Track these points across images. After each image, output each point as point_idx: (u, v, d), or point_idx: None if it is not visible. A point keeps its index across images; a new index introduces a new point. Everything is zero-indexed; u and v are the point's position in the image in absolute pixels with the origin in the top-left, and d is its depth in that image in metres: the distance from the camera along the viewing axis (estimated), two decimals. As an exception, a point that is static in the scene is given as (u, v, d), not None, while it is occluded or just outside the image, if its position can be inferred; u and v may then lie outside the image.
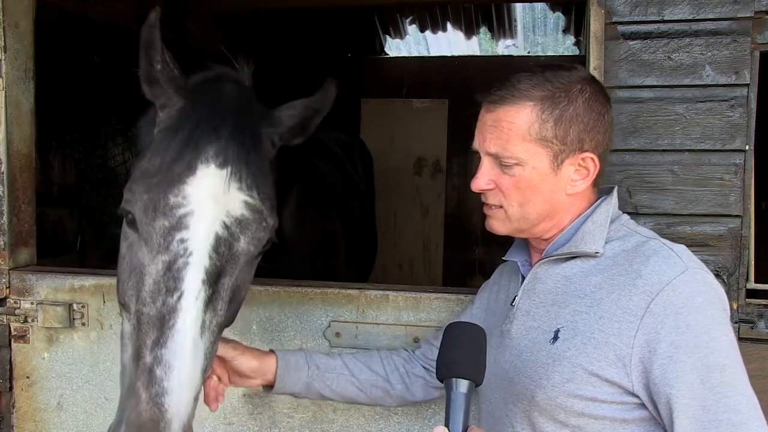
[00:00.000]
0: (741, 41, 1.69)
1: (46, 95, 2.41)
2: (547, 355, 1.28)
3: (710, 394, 1.12)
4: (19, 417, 2.08)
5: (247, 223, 1.40)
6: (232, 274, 1.39)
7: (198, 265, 1.33)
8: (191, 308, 1.31)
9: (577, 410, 1.22)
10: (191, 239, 1.34)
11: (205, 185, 1.36)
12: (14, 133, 2.06)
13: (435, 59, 6.18)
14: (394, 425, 1.85)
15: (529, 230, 1.38)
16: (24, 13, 2.10)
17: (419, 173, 6.04)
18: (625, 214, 1.39)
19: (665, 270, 1.20)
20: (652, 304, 1.17)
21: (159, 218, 1.35)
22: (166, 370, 1.27)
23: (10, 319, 2.05)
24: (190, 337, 1.30)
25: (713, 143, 1.70)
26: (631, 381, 1.18)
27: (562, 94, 1.28)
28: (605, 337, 1.20)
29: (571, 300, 1.29)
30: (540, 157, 1.29)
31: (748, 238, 1.71)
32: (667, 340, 1.15)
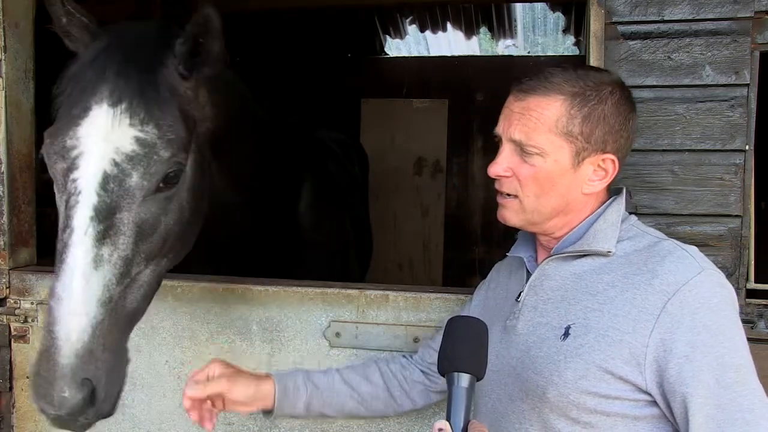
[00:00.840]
0: (741, 41, 1.69)
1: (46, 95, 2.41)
2: (557, 351, 1.27)
3: (725, 393, 1.13)
4: (19, 417, 2.08)
5: (139, 159, 1.44)
6: (129, 209, 1.44)
7: (86, 203, 1.41)
8: (79, 243, 1.40)
9: (589, 407, 1.22)
10: (80, 178, 1.42)
11: (95, 125, 1.43)
12: (14, 133, 2.06)
13: (435, 59, 6.18)
14: (395, 425, 1.85)
15: (541, 224, 1.37)
16: (24, 13, 2.10)
17: (419, 173, 6.04)
18: (632, 215, 1.40)
19: (682, 270, 1.21)
20: (668, 304, 1.18)
21: (59, 161, 1.45)
22: (56, 301, 1.37)
23: (10, 319, 2.05)
24: (79, 270, 1.38)
25: (713, 143, 1.70)
26: (644, 379, 1.19)
27: (593, 93, 1.29)
28: (620, 335, 1.21)
29: (582, 297, 1.29)
30: (562, 152, 1.30)
31: (748, 238, 1.71)
32: (683, 339, 1.16)
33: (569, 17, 5.58)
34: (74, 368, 1.34)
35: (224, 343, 1.94)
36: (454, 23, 5.90)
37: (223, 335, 1.94)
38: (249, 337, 1.92)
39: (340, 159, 3.55)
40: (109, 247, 1.42)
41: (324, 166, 2.99)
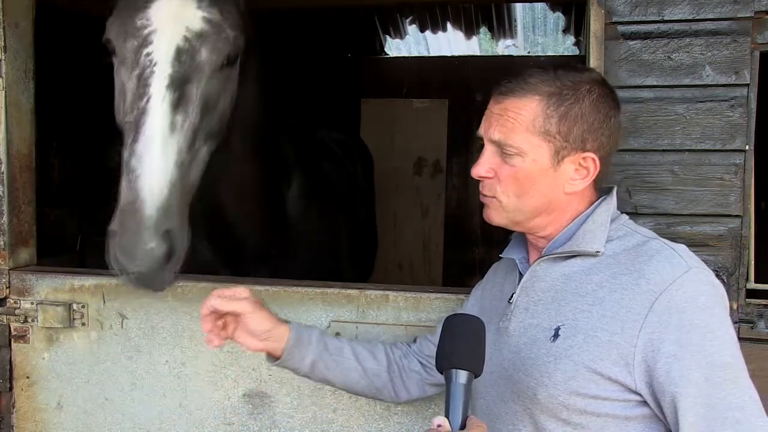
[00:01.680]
0: (741, 41, 1.69)
1: (46, 95, 2.41)
2: (547, 353, 1.28)
3: (715, 392, 1.13)
4: (19, 417, 2.08)
5: (207, 36, 1.63)
6: (199, 81, 1.62)
7: (161, 73, 1.57)
8: (158, 108, 1.55)
9: (579, 408, 1.22)
10: (155, 52, 1.58)
11: (165, 7, 1.60)
12: (14, 133, 2.07)
13: (435, 59, 6.18)
14: (394, 425, 1.85)
15: (524, 223, 1.38)
16: (24, 13, 2.10)
17: (419, 173, 6.03)
18: (624, 214, 1.40)
19: (669, 269, 1.21)
20: (655, 304, 1.18)
21: (129, 39, 1.60)
22: (138, 159, 1.50)
23: (10, 319, 2.05)
24: (158, 130, 1.53)
25: (713, 143, 1.70)
26: (633, 379, 1.19)
27: (570, 92, 1.30)
28: (608, 335, 1.21)
29: (572, 298, 1.30)
30: (541, 151, 1.30)
31: (748, 238, 1.71)
32: (671, 339, 1.16)
33: (569, 17, 5.57)
34: (157, 220, 1.47)
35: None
36: (454, 23, 5.90)
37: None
38: (249, 337, 1.92)
39: (339, 159, 3.55)
40: (181, 115, 1.57)
41: (317, 165, 3.00)
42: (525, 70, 1.35)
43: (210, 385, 1.95)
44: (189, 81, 1.60)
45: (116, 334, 2.00)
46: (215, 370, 1.95)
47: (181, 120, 1.57)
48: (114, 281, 2.00)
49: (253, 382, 1.93)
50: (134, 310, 1.99)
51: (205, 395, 1.96)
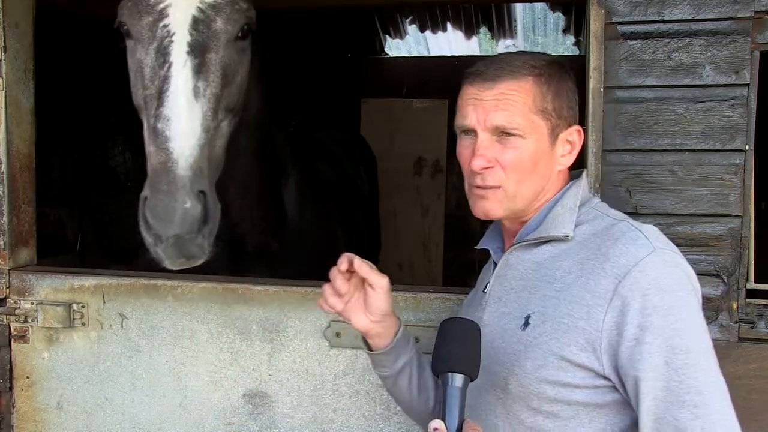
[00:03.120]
0: (741, 41, 1.69)
1: (46, 95, 2.41)
2: (518, 341, 1.28)
3: (674, 375, 1.12)
4: (19, 417, 2.08)
5: (221, 6, 1.65)
6: (217, 50, 1.64)
7: (181, 41, 1.58)
8: (180, 72, 1.55)
9: (549, 396, 1.22)
10: (172, 23, 1.59)
11: None
12: (14, 133, 2.07)
13: (435, 59, 6.18)
14: (394, 425, 1.85)
15: (522, 210, 1.37)
16: (24, 13, 2.10)
17: (419, 173, 6.03)
18: (596, 197, 1.40)
19: (632, 251, 1.19)
20: (619, 287, 1.17)
21: (144, 16, 1.61)
22: (166, 122, 1.49)
23: (10, 319, 2.05)
24: (182, 94, 1.53)
25: (713, 143, 1.70)
26: (602, 365, 1.18)
27: (552, 71, 1.33)
28: (574, 321, 1.20)
29: (541, 285, 1.29)
30: (542, 130, 1.31)
31: (748, 238, 1.71)
32: (633, 322, 1.15)
33: (569, 17, 5.58)
34: (192, 179, 1.45)
35: (224, 343, 1.94)
36: (454, 23, 5.90)
37: (223, 335, 1.94)
38: (249, 337, 1.92)
39: (338, 160, 3.55)
40: (203, 81, 1.58)
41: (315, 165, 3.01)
42: (497, 57, 1.38)
43: (210, 385, 1.95)
44: (208, 50, 1.62)
45: (116, 334, 2.00)
46: (215, 370, 1.95)
47: (203, 87, 1.58)
48: (114, 281, 2.00)
49: (253, 382, 1.93)
50: (134, 310, 1.99)
51: (205, 395, 1.96)
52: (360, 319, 1.40)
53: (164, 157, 1.46)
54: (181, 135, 1.49)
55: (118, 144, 3.88)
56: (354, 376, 1.87)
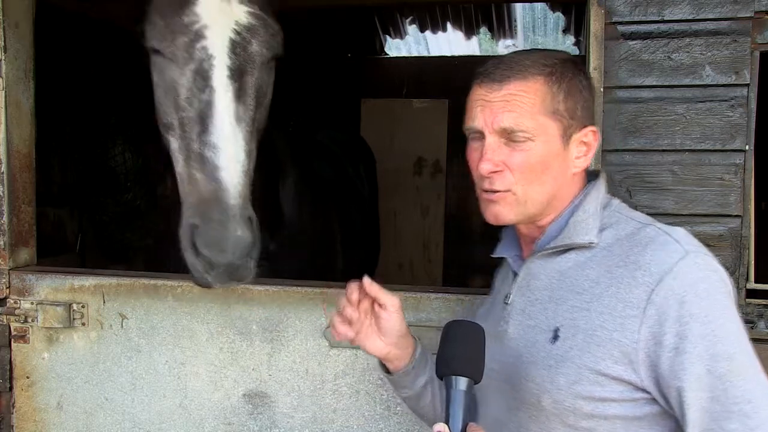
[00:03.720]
0: (741, 41, 1.69)
1: (46, 95, 2.41)
2: (548, 356, 1.22)
3: (719, 384, 1.08)
4: (19, 417, 2.08)
5: (256, 29, 1.65)
6: (252, 73, 1.64)
7: (221, 64, 1.58)
8: (223, 98, 1.55)
9: (586, 412, 1.17)
10: (210, 45, 1.58)
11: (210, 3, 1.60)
12: (14, 133, 2.06)
13: (435, 59, 6.18)
14: (394, 425, 1.85)
15: (536, 215, 1.32)
16: (24, 13, 2.10)
17: (419, 173, 6.03)
18: (615, 198, 1.35)
19: (664, 257, 1.15)
20: (653, 295, 1.13)
21: (178, 36, 1.59)
22: (214, 150, 1.50)
23: (10, 319, 2.05)
24: (227, 121, 1.53)
25: (713, 143, 1.70)
26: (639, 377, 1.14)
27: (565, 69, 1.28)
28: (608, 333, 1.16)
29: (568, 296, 1.24)
30: (552, 132, 1.26)
31: (748, 238, 1.71)
32: (672, 331, 1.10)
33: (569, 17, 5.58)
34: (242, 208, 1.47)
35: (224, 343, 1.94)
36: (454, 23, 5.90)
37: (223, 335, 1.94)
38: (249, 337, 1.92)
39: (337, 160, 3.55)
40: (242, 106, 1.59)
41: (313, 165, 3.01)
42: (506, 56, 1.31)
43: (210, 385, 1.95)
44: (245, 73, 1.62)
45: (116, 334, 2.00)
46: (215, 370, 1.95)
47: (242, 111, 1.58)
48: (114, 281, 2.00)
49: (253, 382, 1.93)
50: (134, 310, 1.99)
51: (205, 395, 1.96)
52: (375, 344, 1.37)
53: (215, 186, 1.47)
54: (230, 163, 1.50)
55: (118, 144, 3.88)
56: (354, 376, 1.87)
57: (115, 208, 3.89)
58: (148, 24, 1.65)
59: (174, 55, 1.60)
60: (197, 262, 1.47)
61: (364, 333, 1.37)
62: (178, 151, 1.60)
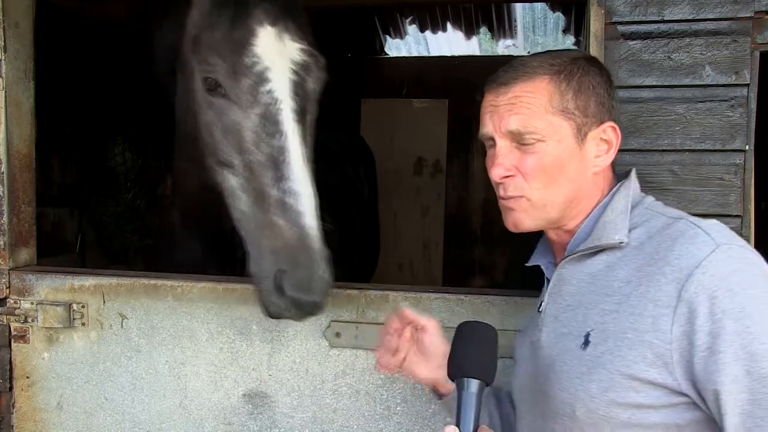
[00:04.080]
0: (741, 41, 1.69)
1: (46, 95, 2.41)
2: (579, 363, 1.17)
3: (759, 386, 1.00)
4: (19, 417, 2.08)
5: (308, 65, 1.68)
6: (310, 111, 1.68)
7: (287, 108, 1.60)
8: (296, 144, 1.58)
9: (623, 420, 1.11)
10: (276, 89, 1.60)
11: (268, 43, 1.62)
12: (14, 133, 2.06)
13: (435, 59, 6.18)
14: (394, 425, 1.85)
15: (557, 219, 1.28)
16: (24, 13, 2.10)
17: (419, 173, 6.03)
18: (649, 196, 1.30)
19: (693, 251, 1.08)
20: (683, 292, 1.06)
21: (242, 79, 1.60)
22: (296, 198, 1.53)
23: (10, 319, 2.05)
24: (303, 168, 1.57)
25: (713, 143, 1.70)
26: (676, 379, 1.07)
27: (574, 67, 1.25)
28: (639, 335, 1.09)
29: (599, 299, 1.19)
30: (563, 131, 1.23)
31: (748, 238, 1.70)
32: (704, 329, 1.04)
33: (569, 17, 5.58)
34: (322, 251, 1.52)
35: (224, 343, 1.94)
36: (454, 23, 5.90)
37: (223, 335, 1.94)
38: (249, 337, 1.92)
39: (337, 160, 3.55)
40: (306, 146, 1.62)
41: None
42: (516, 60, 1.30)
43: (210, 385, 1.95)
44: (306, 113, 1.65)
45: (116, 334, 2.00)
46: (215, 370, 1.95)
47: (307, 151, 1.62)
48: (114, 281, 2.00)
49: (253, 382, 1.93)
50: (134, 310, 1.99)
51: (205, 395, 1.96)
52: (422, 369, 1.39)
53: (299, 232, 1.51)
54: (310, 208, 1.54)
55: (118, 144, 3.88)
56: (354, 376, 1.87)
57: (115, 208, 3.89)
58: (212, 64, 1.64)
59: (238, 98, 1.61)
60: (282, 302, 1.52)
61: (410, 361, 1.38)
62: (240, 189, 1.63)
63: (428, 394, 1.80)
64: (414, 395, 1.83)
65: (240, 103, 1.61)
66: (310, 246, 1.50)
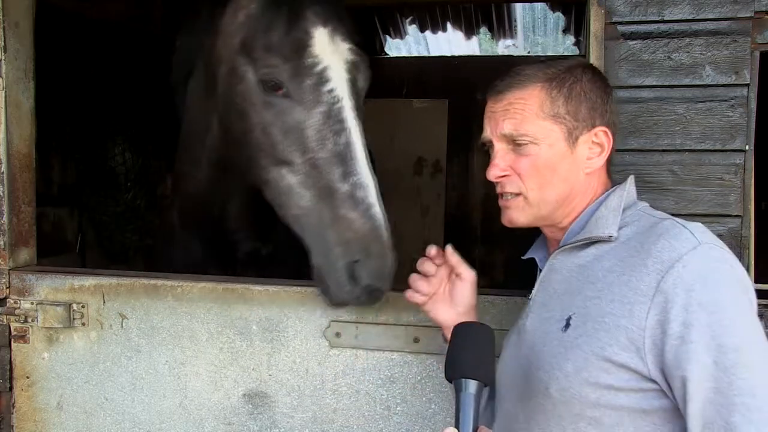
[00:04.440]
0: (741, 41, 1.69)
1: (46, 95, 2.41)
2: (559, 343, 1.25)
3: (724, 376, 1.07)
4: (19, 417, 2.08)
5: (358, 64, 1.76)
6: (361, 108, 1.75)
7: (349, 106, 1.68)
8: (360, 139, 1.66)
9: (592, 400, 1.18)
10: (336, 87, 1.67)
11: (323, 43, 1.69)
12: (14, 133, 2.06)
13: (435, 59, 6.18)
14: (394, 425, 1.85)
15: (549, 216, 1.37)
16: (24, 13, 2.10)
17: (419, 173, 6.03)
18: (643, 201, 1.38)
19: (676, 246, 1.16)
20: (662, 283, 1.13)
21: (305, 79, 1.66)
22: (366, 190, 1.61)
23: (10, 319, 2.05)
24: (366, 159, 1.65)
25: (713, 143, 1.70)
26: (646, 365, 1.14)
27: (567, 74, 1.33)
28: (616, 320, 1.17)
29: (584, 286, 1.27)
30: (555, 135, 1.31)
31: (748, 238, 1.71)
32: (678, 319, 1.10)
33: (569, 17, 5.57)
34: (390, 240, 1.61)
35: (224, 343, 1.94)
36: (454, 23, 5.89)
37: (223, 335, 1.94)
38: (249, 337, 1.92)
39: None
40: (364, 140, 1.69)
41: None
42: (514, 69, 1.38)
43: (210, 385, 1.95)
44: (360, 109, 1.73)
45: (116, 334, 2.00)
46: (215, 370, 1.95)
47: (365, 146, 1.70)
48: (114, 281, 2.00)
49: (253, 382, 1.93)
50: (134, 310, 1.99)
51: (205, 395, 1.96)
52: (445, 312, 1.47)
53: (371, 223, 1.60)
54: (377, 200, 1.63)
55: (118, 144, 3.88)
56: (354, 376, 1.87)
57: (115, 208, 3.89)
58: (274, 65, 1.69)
59: (301, 97, 1.67)
60: (356, 290, 1.62)
61: (437, 298, 1.47)
62: (302, 186, 1.69)
63: (428, 394, 1.80)
64: (414, 395, 1.83)
65: (303, 102, 1.66)
66: (381, 236, 1.59)
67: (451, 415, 1.71)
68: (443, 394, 1.80)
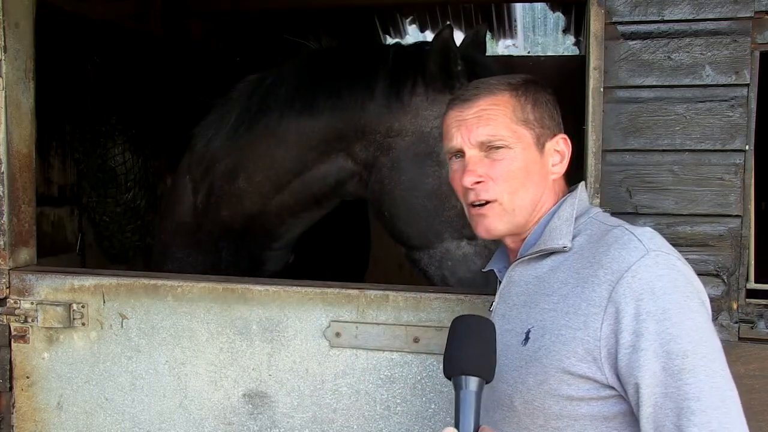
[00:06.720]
0: (741, 41, 1.69)
1: (46, 95, 2.41)
2: (519, 357, 1.27)
3: (672, 381, 1.10)
4: (19, 417, 2.08)
5: None
6: None
7: None
8: None
9: (554, 412, 1.20)
10: None
11: None
12: (14, 133, 2.06)
13: (435, 59, 6.16)
14: (394, 425, 1.85)
15: (524, 224, 1.37)
16: (24, 13, 2.10)
17: (419, 173, 6.02)
18: (596, 207, 1.41)
19: (624, 256, 1.18)
20: (613, 293, 1.16)
21: None
22: None
23: (10, 319, 2.05)
24: None
25: (713, 143, 1.70)
26: (604, 373, 1.17)
27: (529, 85, 1.37)
28: (572, 332, 1.19)
29: (540, 299, 1.29)
30: (527, 140, 1.34)
31: (748, 238, 1.70)
32: (629, 329, 1.14)
33: (569, 17, 5.57)
34: None
35: (224, 343, 1.94)
36: (454, 23, 5.89)
37: (223, 335, 1.94)
38: (249, 337, 1.92)
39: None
40: None
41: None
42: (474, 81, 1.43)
43: (210, 385, 1.95)
44: None
45: (116, 334, 2.00)
46: (215, 370, 1.95)
47: None
48: (114, 281, 2.00)
49: (253, 382, 1.93)
50: (134, 310, 1.99)
51: (205, 395, 1.96)
52: None
53: None
54: None
55: (118, 144, 3.88)
56: (354, 376, 1.87)
57: (115, 208, 3.89)
58: None
59: None
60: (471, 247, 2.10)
61: None
62: None
63: (428, 394, 1.81)
64: (414, 395, 1.83)
65: None
66: None
67: (451, 414, 1.71)
68: (443, 393, 1.80)
